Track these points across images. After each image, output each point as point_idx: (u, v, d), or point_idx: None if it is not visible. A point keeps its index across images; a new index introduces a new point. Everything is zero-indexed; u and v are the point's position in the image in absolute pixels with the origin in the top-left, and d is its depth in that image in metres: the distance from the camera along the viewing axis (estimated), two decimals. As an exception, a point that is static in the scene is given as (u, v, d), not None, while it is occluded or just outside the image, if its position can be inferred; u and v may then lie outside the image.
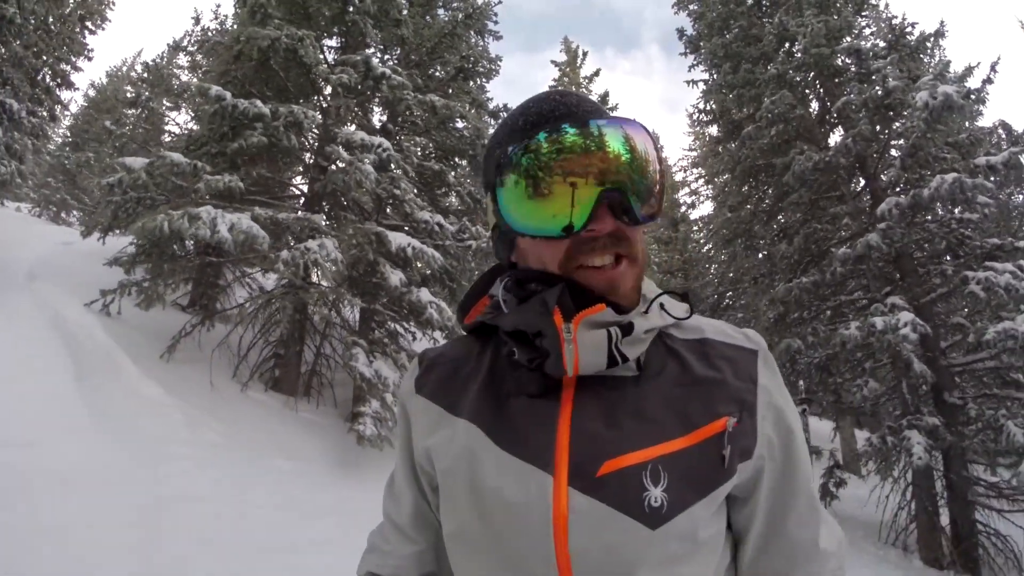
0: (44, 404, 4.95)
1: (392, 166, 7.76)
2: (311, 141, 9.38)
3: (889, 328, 7.21)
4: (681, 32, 13.35)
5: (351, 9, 9.18)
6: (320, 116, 8.03)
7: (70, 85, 17.40)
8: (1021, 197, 11.37)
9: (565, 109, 0.75)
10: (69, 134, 25.35)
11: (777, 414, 0.79)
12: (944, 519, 8.07)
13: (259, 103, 7.42)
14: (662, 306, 0.79)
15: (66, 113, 21.12)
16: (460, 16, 10.39)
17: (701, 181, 23.11)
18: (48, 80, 17.36)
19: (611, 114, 0.77)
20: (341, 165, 7.21)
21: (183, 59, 18.25)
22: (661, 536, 0.67)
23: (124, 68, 27.47)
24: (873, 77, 9.18)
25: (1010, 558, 7.55)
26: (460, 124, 9.97)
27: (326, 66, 8.95)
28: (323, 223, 7.50)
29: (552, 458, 0.70)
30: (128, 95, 21.81)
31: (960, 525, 7.79)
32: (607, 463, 0.69)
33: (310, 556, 3.96)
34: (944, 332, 8.73)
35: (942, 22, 10.83)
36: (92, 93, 25.38)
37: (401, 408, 0.92)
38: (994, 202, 8.03)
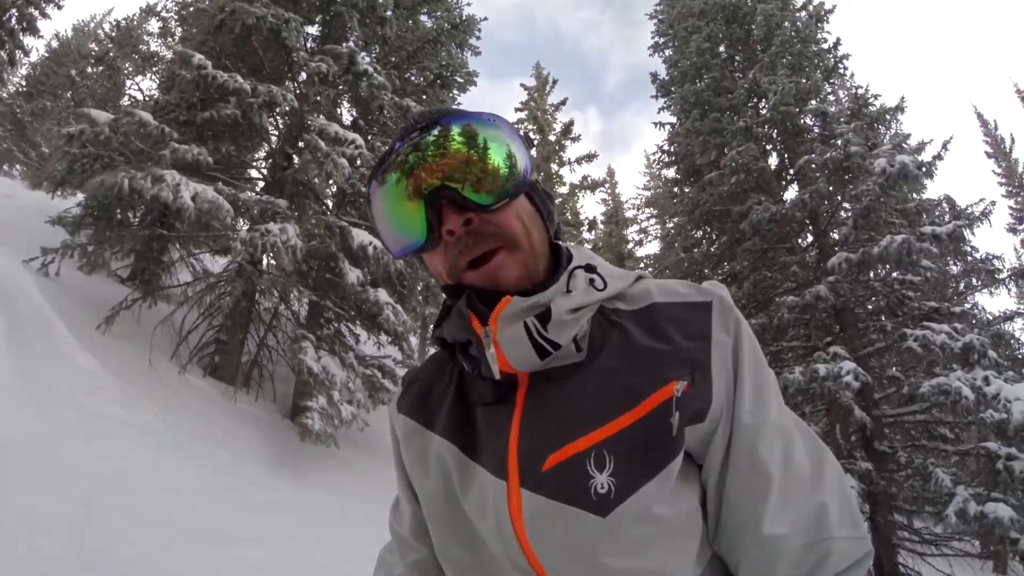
0: None
1: (359, 163, 7.68)
2: (280, 125, 9.19)
3: (831, 375, 7.53)
4: (654, 76, 13.89)
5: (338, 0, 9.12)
6: (295, 99, 7.86)
7: (35, 31, 16.55)
8: (956, 268, 12.11)
9: (404, 132, 0.76)
10: (24, 83, 24.02)
11: (735, 362, 0.73)
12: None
13: (239, 77, 7.25)
14: (591, 282, 0.75)
15: (25, 60, 20.07)
16: (447, 25, 10.47)
17: (652, 220, 23.78)
18: (13, 22, 16.48)
19: (446, 112, 0.76)
20: (316, 154, 7.05)
21: (154, 24, 17.65)
22: (614, 521, 0.64)
23: (92, 24, 26.34)
24: (835, 140, 9.68)
25: (928, 604, 7.91)
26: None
27: (306, 52, 8.82)
28: (286, 207, 7.30)
29: (505, 463, 0.70)
30: (92, 51, 20.93)
31: (884, 566, 8.11)
32: (550, 457, 0.67)
33: (244, 548, 3.81)
34: (878, 385, 9.16)
35: (903, 98, 11.52)
36: (55, 44, 24.19)
37: (391, 428, 0.93)
38: (936, 267, 8.54)
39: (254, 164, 10.12)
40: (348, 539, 4.50)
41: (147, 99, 16.15)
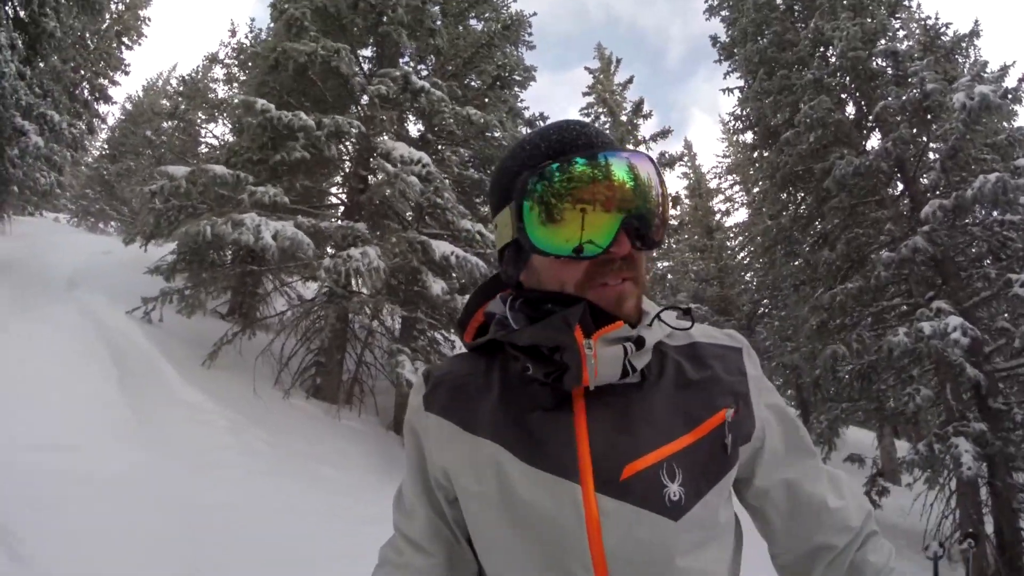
0: (88, 409, 5.00)
1: (429, 178, 7.86)
2: (350, 151, 9.53)
3: (937, 333, 7.08)
4: (714, 39, 13.27)
5: (384, 20, 9.33)
6: (361, 125, 8.13)
7: (107, 99, 17.94)
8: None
9: (586, 139, 0.81)
10: (107, 146, 26.01)
11: (767, 396, 0.90)
12: (989, 527, 7.89)
13: (303, 115, 7.55)
14: (659, 318, 0.85)
15: (103, 126, 21.74)
16: (497, 27, 10.49)
17: (736, 188, 22.90)
18: (86, 94, 17.87)
19: (630, 148, 0.83)
20: (385, 177, 7.28)
21: (219, 71, 18.68)
22: (684, 526, 0.75)
23: (160, 82, 28.09)
24: (910, 80, 9.06)
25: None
26: (497, 133, 10.05)
27: (363, 77, 9.09)
28: (365, 231, 7.57)
29: (576, 468, 0.75)
30: (165, 107, 22.44)
31: (1005, 533, 7.64)
32: (628, 467, 0.75)
33: (359, 566, 3.96)
34: (988, 337, 8.54)
35: (976, 21, 10.69)
36: (129, 107, 26.01)
37: (409, 426, 0.95)
38: (1036, 203, 7.85)
39: (331, 192, 10.51)
40: None
41: (221, 144, 17.17)
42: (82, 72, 16.73)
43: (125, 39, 19.54)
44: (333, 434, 7.37)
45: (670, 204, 0.83)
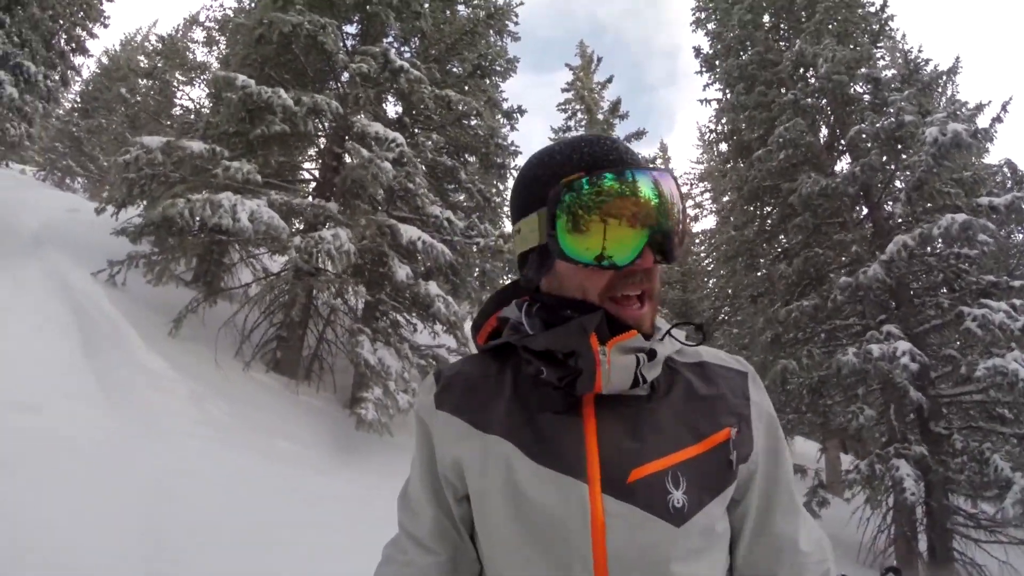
0: (53, 370, 4.92)
1: (404, 159, 7.87)
2: (326, 127, 9.44)
3: (886, 356, 7.37)
4: (698, 50, 13.45)
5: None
6: (339, 105, 8.08)
7: (84, 51, 17.29)
8: (1020, 236, 11.55)
9: (617, 155, 0.83)
10: (79, 100, 25.22)
11: (767, 424, 0.91)
12: (922, 545, 8.25)
13: (283, 92, 7.48)
14: (670, 334, 0.89)
15: (77, 79, 21.05)
16: (482, 14, 10.47)
17: (707, 195, 23.29)
18: (63, 44, 17.26)
19: (657, 166, 0.86)
20: (359, 160, 7.27)
21: (199, 33, 18.23)
22: (685, 532, 0.77)
23: (138, 38, 27.36)
24: (888, 108, 9.31)
25: (984, 588, 7.72)
26: (474, 121, 10.03)
27: (345, 54, 9.03)
28: (336, 211, 7.55)
29: (585, 468, 0.78)
30: (142, 65, 21.79)
31: (938, 552, 7.98)
32: (635, 471, 0.78)
33: (317, 536, 4.03)
34: (935, 363, 8.89)
35: (957, 58, 11.01)
36: (105, 61, 25.26)
37: (420, 424, 0.96)
38: (993, 241, 8.20)
39: (303, 167, 10.42)
40: None
41: (197, 107, 16.78)
42: (61, 21, 16.13)
43: (106, -12, 18.84)
44: (291, 409, 7.38)
45: (689, 221, 0.86)
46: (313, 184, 9.86)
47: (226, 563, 3.23)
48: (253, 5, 11.48)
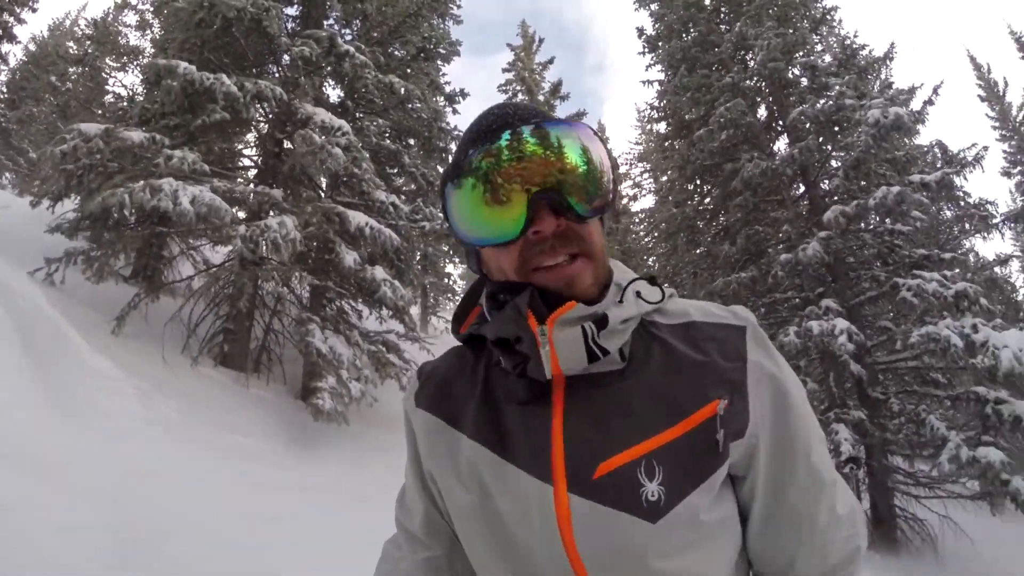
0: None
1: (350, 146, 7.76)
2: (267, 113, 9.21)
3: (825, 332, 7.73)
4: (640, 31, 13.62)
5: (317, -21, 9.08)
6: (283, 92, 7.89)
7: (12, 38, 16.37)
8: (950, 213, 12.18)
9: (502, 122, 0.77)
10: (5, 90, 23.77)
11: (772, 387, 0.78)
12: (865, 504, 8.70)
13: (225, 78, 7.26)
14: (639, 294, 0.80)
15: (2, 67, 19.87)
16: (426, -2, 10.36)
17: (645, 175, 23.73)
18: (-10, 31, 16.28)
19: (551, 116, 0.79)
20: (309, 147, 7.13)
21: (131, 17, 17.37)
22: (663, 528, 0.69)
23: (67, 23, 25.95)
24: (827, 92, 9.68)
25: (926, 540, 8.22)
26: (418, 104, 9.96)
27: (287, 37, 8.80)
28: (281, 198, 7.41)
29: (549, 467, 0.71)
30: (71, 52, 20.64)
31: (880, 509, 8.44)
32: (601, 465, 0.70)
33: (267, 527, 3.99)
34: (871, 333, 9.37)
35: (892, 45, 11.45)
36: (32, 47, 23.84)
37: (407, 422, 0.93)
38: (924, 216, 8.66)
39: (243, 153, 10.16)
40: (364, 509, 4.70)
41: (130, 94, 16.01)
42: (-11, 6, 15.18)
43: (34, -29, 17.79)
44: (243, 403, 7.26)
45: (606, 166, 0.76)
46: (254, 171, 9.62)
47: (198, 557, 3.24)
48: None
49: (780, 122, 10.81)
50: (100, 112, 14.98)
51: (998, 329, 7.36)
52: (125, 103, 15.18)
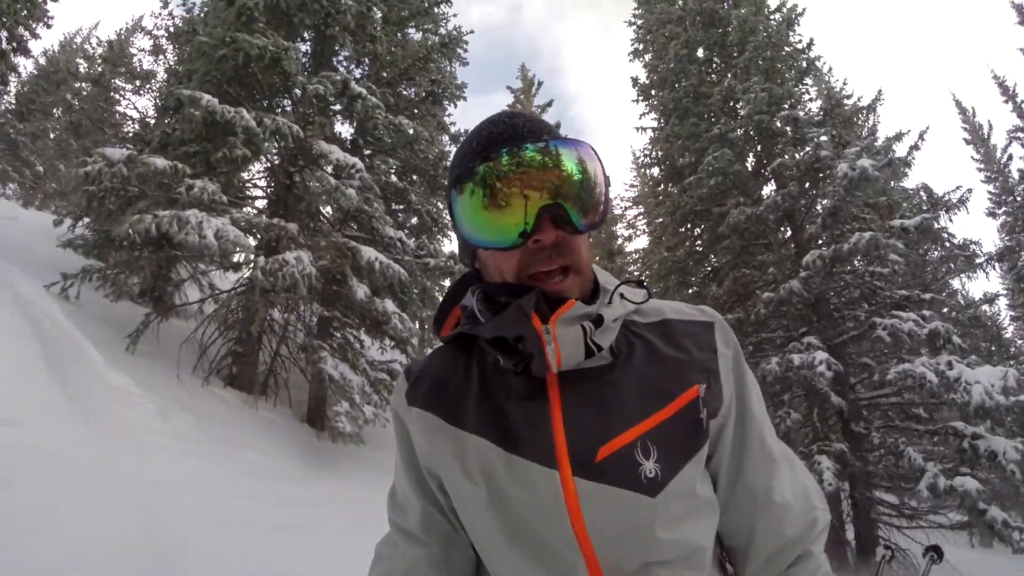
0: (21, 385, 4.81)
1: (364, 185, 8.14)
2: (281, 147, 9.57)
3: (805, 364, 8.13)
4: (635, 80, 14.31)
5: (330, 21, 9.52)
6: (300, 129, 8.29)
7: (26, 52, 16.67)
8: (936, 254, 12.62)
9: (512, 132, 0.82)
10: (15, 102, 24.07)
11: (736, 374, 0.90)
12: (849, 534, 9.04)
13: (245, 113, 7.61)
14: (622, 296, 0.87)
15: (14, 79, 20.18)
16: (435, 41, 10.82)
17: (640, 217, 24.25)
18: (4, 44, 16.61)
19: (557, 133, 0.84)
20: (322, 186, 7.49)
21: (145, 41, 17.81)
22: (663, 500, 0.76)
23: (79, 39, 26.39)
24: (808, 143, 10.27)
25: (909, 570, 8.49)
26: (423, 145, 10.37)
27: (304, 76, 9.23)
28: (296, 232, 7.76)
29: (553, 454, 0.77)
30: (81, 68, 21.04)
31: (863, 539, 8.76)
32: (602, 449, 0.77)
33: (288, 537, 4.22)
34: (853, 370, 9.79)
35: (879, 92, 12.03)
36: (43, 62, 24.21)
37: (397, 421, 0.96)
38: (903, 259, 9.12)
39: (253, 183, 10.49)
40: (376, 525, 4.90)
41: (142, 117, 16.38)
42: (3, 19, 15.50)
43: (50, -13, 18.17)
44: (253, 423, 7.49)
45: (603, 185, 0.83)
46: (264, 203, 9.97)
47: (222, 565, 3.43)
48: (205, 14, 11.41)
49: (767, 169, 11.32)
50: (112, 132, 15.34)
51: (971, 366, 7.78)
52: (135, 125, 15.56)
